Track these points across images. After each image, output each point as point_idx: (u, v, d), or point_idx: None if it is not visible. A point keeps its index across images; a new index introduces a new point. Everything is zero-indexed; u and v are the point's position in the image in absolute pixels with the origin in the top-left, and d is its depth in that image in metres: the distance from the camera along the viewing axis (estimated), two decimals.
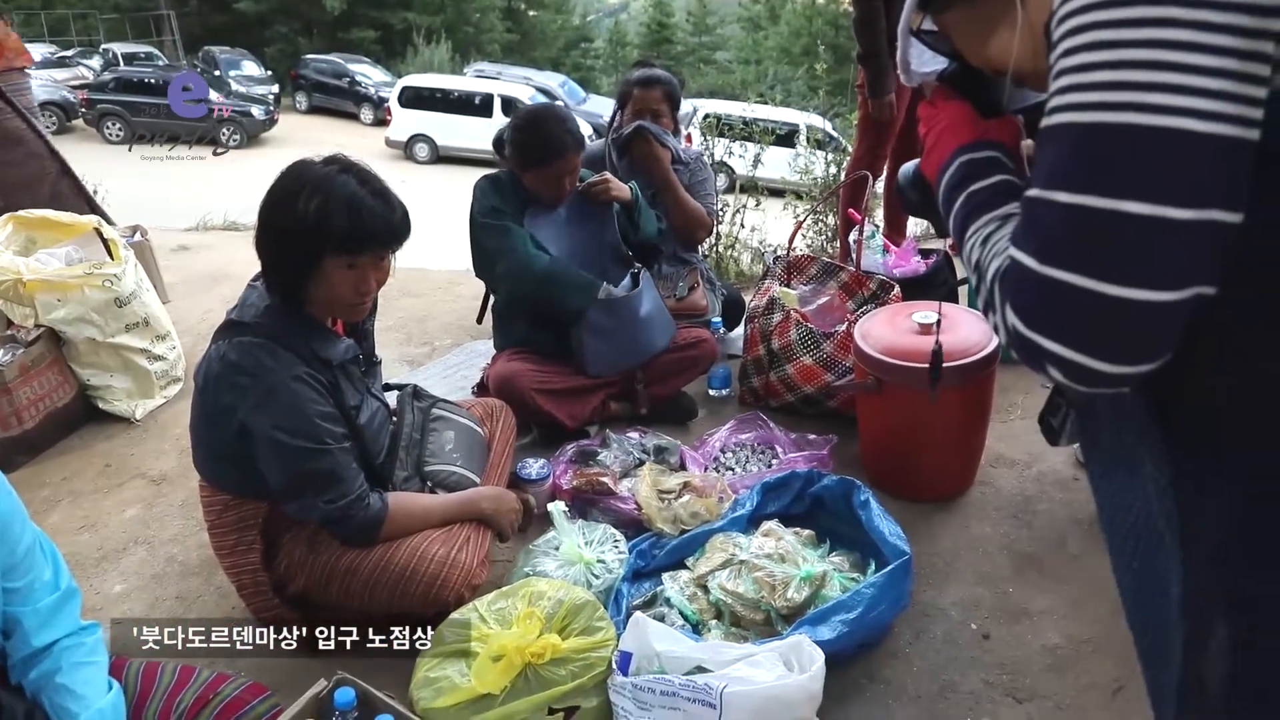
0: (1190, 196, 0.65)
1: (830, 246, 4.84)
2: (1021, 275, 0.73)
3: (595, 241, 2.72)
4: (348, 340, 1.89)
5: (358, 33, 29.07)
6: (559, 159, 2.55)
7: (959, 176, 0.94)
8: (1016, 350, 0.77)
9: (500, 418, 2.29)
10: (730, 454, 2.59)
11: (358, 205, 1.69)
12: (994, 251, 0.83)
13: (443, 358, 3.39)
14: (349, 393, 1.85)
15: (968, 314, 2.49)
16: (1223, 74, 0.63)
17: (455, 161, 17.53)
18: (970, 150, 0.95)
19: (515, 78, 22.15)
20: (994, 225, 0.86)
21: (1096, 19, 0.67)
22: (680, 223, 3.11)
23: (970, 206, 0.90)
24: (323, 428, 1.73)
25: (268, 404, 1.69)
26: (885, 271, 3.12)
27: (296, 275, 1.74)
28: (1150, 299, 0.66)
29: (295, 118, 21.82)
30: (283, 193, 1.71)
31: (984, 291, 0.83)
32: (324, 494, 1.74)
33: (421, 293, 4.17)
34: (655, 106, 3.13)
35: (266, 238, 1.74)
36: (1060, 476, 2.53)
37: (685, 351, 2.80)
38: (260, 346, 1.71)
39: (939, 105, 1.03)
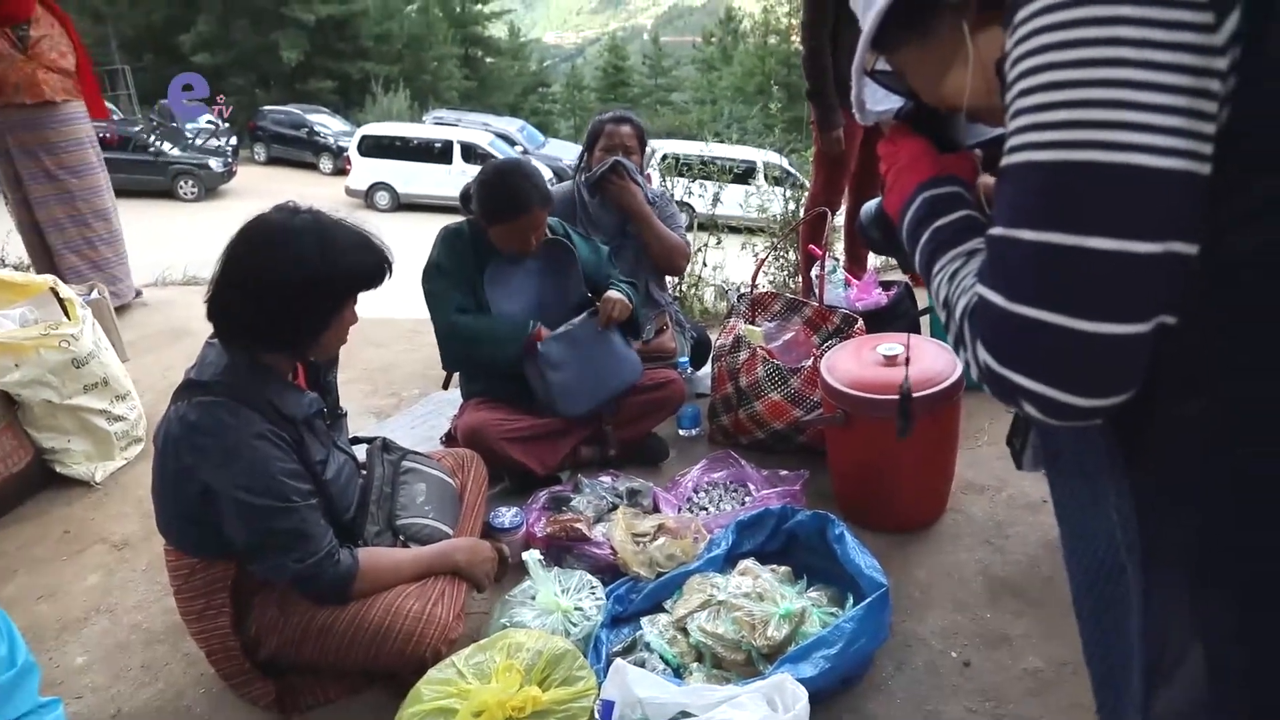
0: (1152, 230, 0.66)
1: (792, 282, 4.89)
2: (991, 313, 0.74)
3: (560, 293, 2.72)
4: (311, 394, 1.87)
5: (315, 83, 29.19)
6: (525, 214, 2.55)
7: (921, 214, 0.95)
8: (989, 386, 0.77)
9: (471, 468, 2.27)
10: (703, 493, 2.59)
11: (365, 243, 1.78)
12: (961, 288, 0.83)
13: (410, 408, 3.37)
14: (314, 447, 1.83)
15: (931, 344, 2.52)
16: (1176, 111, 0.65)
17: (416, 209, 17.55)
18: (931, 187, 0.96)
19: (474, 124, 22.30)
20: (959, 261, 0.87)
21: (1052, 60, 0.69)
22: (660, 252, 3.14)
23: (935, 243, 0.91)
24: (288, 485, 1.70)
25: (230, 463, 1.66)
26: (848, 305, 3.16)
27: (316, 326, 1.76)
28: (1119, 332, 0.68)
29: (254, 169, 21.78)
30: (285, 253, 1.69)
31: (953, 328, 0.83)
32: (292, 553, 1.71)
33: (385, 342, 4.14)
34: (627, 143, 3.18)
35: (267, 296, 1.69)
36: (1030, 500, 2.56)
37: (653, 393, 2.81)
38: (220, 405, 1.69)
39: (897, 143, 1.04)
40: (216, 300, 1.73)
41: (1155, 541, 0.80)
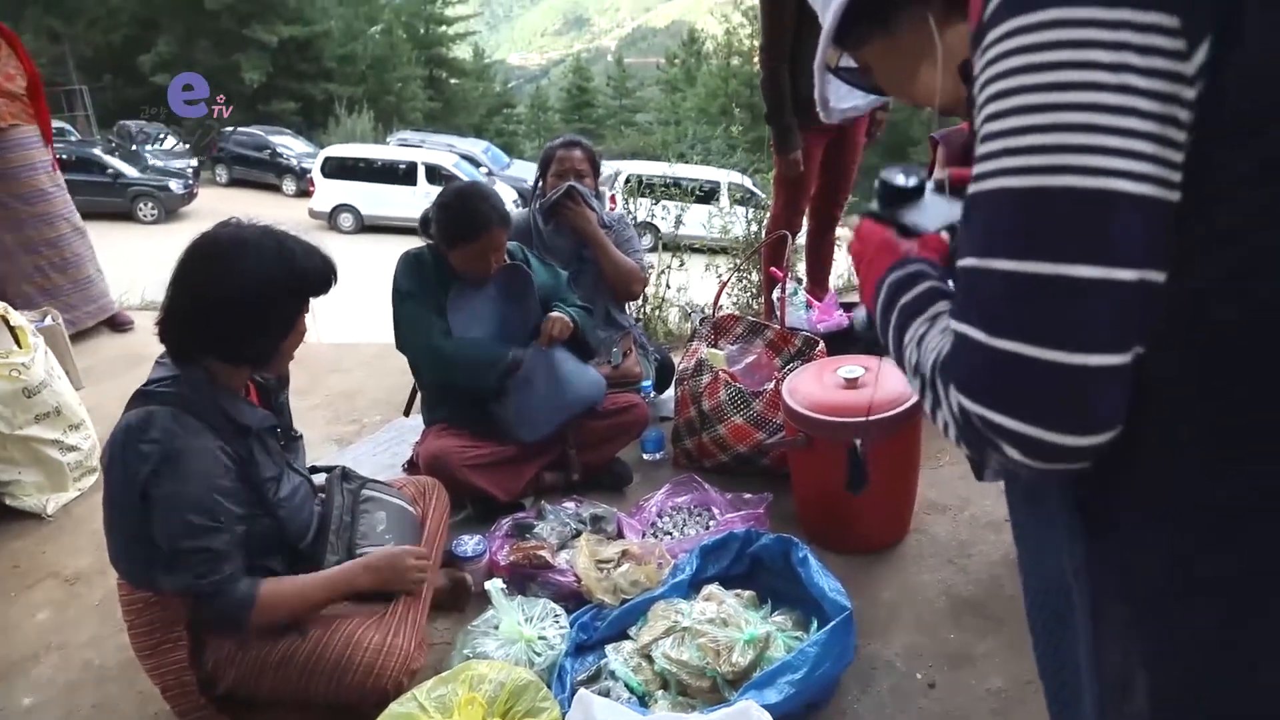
0: (1133, 257, 0.65)
1: (755, 303, 4.91)
2: (969, 350, 0.71)
3: (520, 317, 2.71)
4: (264, 411, 1.87)
5: (278, 104, 28.99)
6: (484, 234, 2.55)
7: (888, 298, 0.90)
8: (966, 437, 0.73)
9: (433, 495, 2.25)
10: (667, 518, 2.59)
11: (312, 249, 1.81)
12: (929, 346, 0.79)
13: (372, 435, 3.33)
14: (265, 465, 1.81)
15: (891, 365, 2.53)
16: (1151, 138, 0.64)
17: (381, 230, 17.46)
18: (895, 270, 0.92)
19: (439, 145, 22.26)
20: (925, 325, 0.83)
21: (1025, 83, 0.67)
22: (614, 276, 3.13)
23: (902, 319, 0.87)
24: (220, 504, 1.66)
25: (168, 471, 1.63)
26: (809, 326, 3.18)
27: (277, 334, 1.79)
28: (1105, 363, 0.66)
29: (216, 191, 21.53)
30: (250, 262, 1.71)
31: (926, 391, 0.79)
32: (198, 569, 1.65)
33: (349, 368, 4.09)
34: (579, 167, 3.19)
35: (226, 309, 1.70)
36: (992, 518, 2.58)
37: (617, 417, 2.81)
38: (167, 413, 1.67)
39: (863, 239, 1.01)
40: (171, 318, 1.73)
41: (1102, 570, 0.80)
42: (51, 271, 4.33)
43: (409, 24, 36.07)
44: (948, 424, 0.75)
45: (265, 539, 1.82)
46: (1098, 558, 0.80)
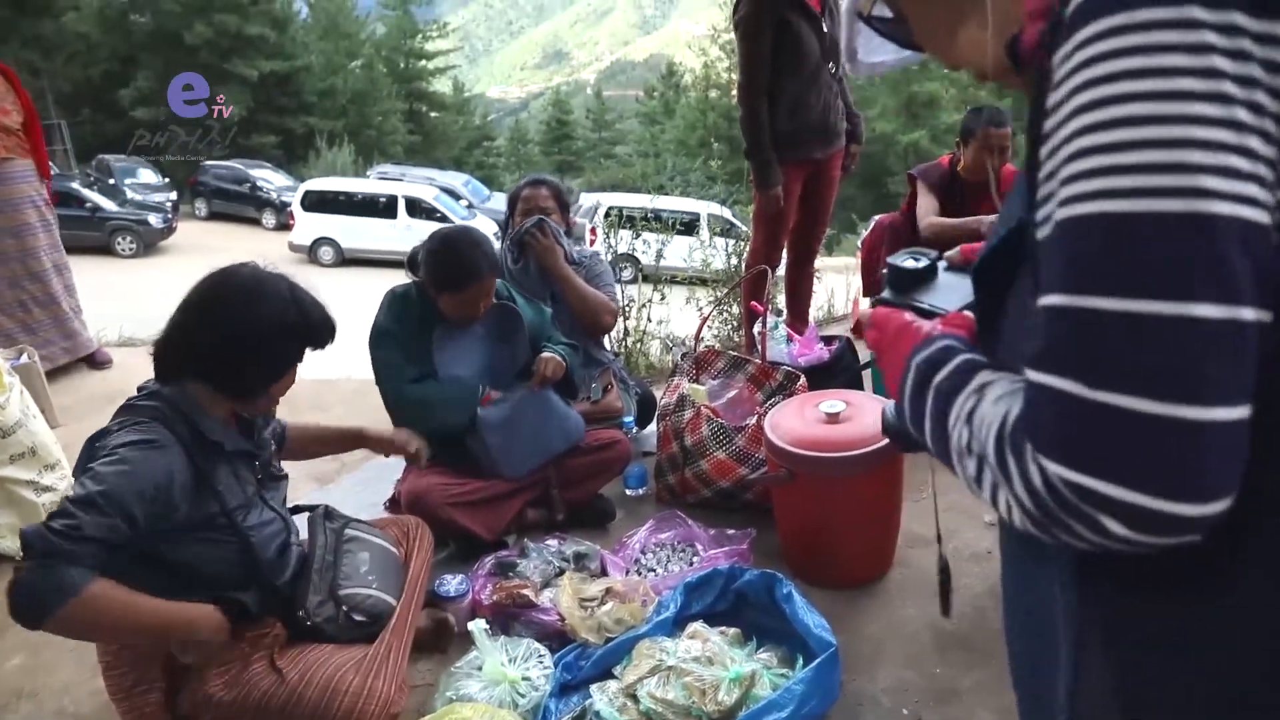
0: (1254, 296, 0.57)
1: (736, 335, 4.94)
2: (1059, 405, 0.60)
3: (507, 356, 2.71)
4: (240, 437, 1.88)
5: (258, 138, 29.01)
6: (474, 283, 2.55)
7: (917, 380, 0.80)
8: (1047, 515, 0.62)
9: (416, 535, 2.24)
10: (651, 554, 2.58)
11: (318, 302, 1.88)
12: (985, 418, 0.68)
13: (353, 473, 3.31)
14: (233, 488, 1.80)
15: (873, 400, 2.56)
16: (1274, 163, 0.57)
17: (361, 264, 17.44)
18: (921, 350, 0.82)
19: (419, 178, 22.31)
20: (972, 399, 0.72)
21: (1132, 90, 0.58)
22: (582, 309, 3.10)
23: (940, 399, 0.76)
24: (128, 504, 1.57)
25: (108, 457, 1.62)
26: (790, 360, 3.19)
27: (272, 375, 1.83)
28: (1228, 418, 0.56)
29: (195, 225, 21.47)
30: (263, 301, 1.78)
31: (985, 471, 0.67)
32: (56, 530, 1.52)
33: (329, 405, 4.07)
34: (544, 205, 3.18)
35: (236, 340, 1.75)
36: (975, 551, 2.59)
37: (599, 454, 2.80)
38: (140, 423, 1.69)
39: (880, 327, 0.93)
40: (171, 340, 1.78)
41: (1088, 614, 0.76)
42: (34, 306, 4.30)
43: (389, 58, 36.32)
44: (1015, 503, 0.64)
45: (233, 567, 1.80)
46: (1088, 603, 0.75)
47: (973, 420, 0.70)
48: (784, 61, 3.47)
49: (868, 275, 4.26)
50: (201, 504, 1.74)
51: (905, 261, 1.03)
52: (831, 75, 3.62)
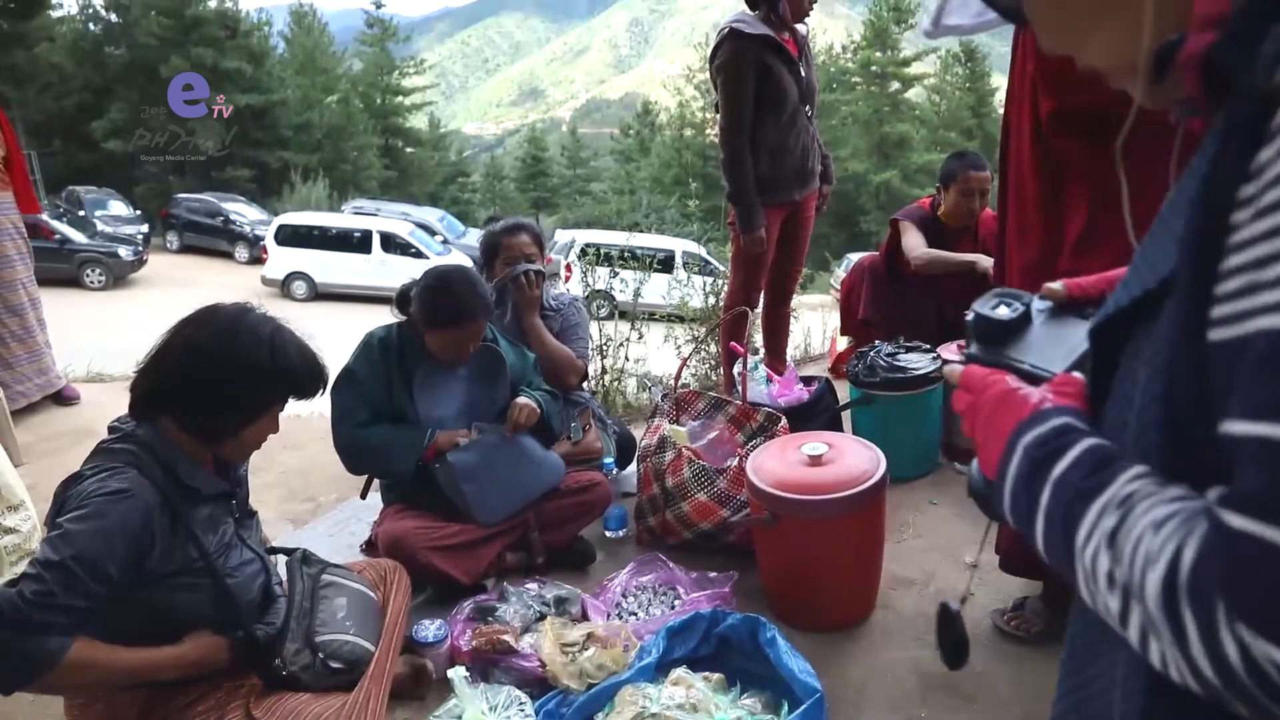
0: None
1: (714, 374, 4.94)
2: (1271, 562, 0.48)
3: (489, 399, 2.69)
4: (218, 479, 1.84)
5: (232, 171, 28.89)
6: (469, 323, 2.54)
7: (1027, 467, 0.68)
8: (1236, 689, 0.50)
9: (394, 580, 2.20)
10: (632, 598, 2.55)
11: (311, 357, 1.85)
12: (1141, 549, 0.55)
13: (328, 514, 3.26)
14: (210, 532, 1.76)
15: (853, 441, 2.56)
16: None
17: (334, 298, 17.36)
18: (1032, 427, 0.70)
19: (394, 214, 22.29)
20: (1114, 516, 0.58)
21: None
22: (547, 368, 3.05)
23: (1063, 501, 0.63)
24: (103, 564, 1.53)
25: (80, 510, 1.57)
26: (770, 401, 3.20)
27: (244, 419, 1.79)
28: None
29: (166, 257, 21.29)
30: (239, 342, 1.75)
31: (1140, 609, 0.55)
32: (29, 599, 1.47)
33: (303, 444, 4.01)
34: (527, 251, 3.15)
35: (206, 383, 1.72)
36: (957, 593, 2.57)
37: (579, 496, 2.78)
38: (111, 471, 1.64)
39: (974, 390, 0.80)
40: (150, 377, 1.75)
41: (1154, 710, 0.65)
42: (12, 341, 4.23)
43: (365, 94, 36.39)
44: (1186, 667, 0.52)
45: (210, 611, 1.75)
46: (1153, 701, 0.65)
47: (1118, 545, 0.57)
48: (764, 106, 3.52)
49: (846, 316, 4.30)
50: (178, 550, 1.70)
51: (996, 309, 0.88)
52: (808, 118, 3.67)
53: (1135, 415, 0.62)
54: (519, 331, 3.05)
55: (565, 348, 3.15)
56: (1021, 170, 2.10)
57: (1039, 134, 2.01)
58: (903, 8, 36.40)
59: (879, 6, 36.59)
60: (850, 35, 37.30)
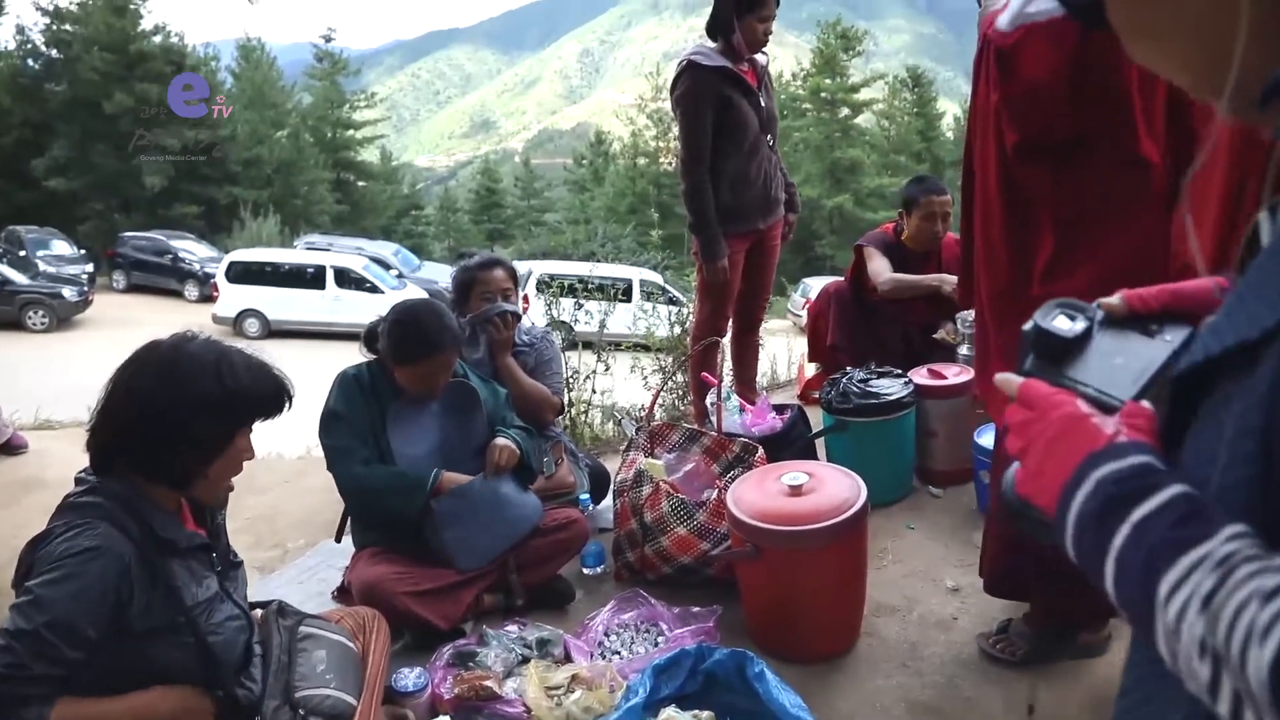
0: None
1: (682, 404, 4.93)
2: None
3: (463, 436, 2.65)
4: (195, 530, 1.77)
5: (180, 208, 28.47)
6: (438, 355, 2.51)
7: (1101, 504, 0.63)
8: None
9: (374, 628, 2.14)
10: (615, 636, 2.51)
11: (266, 374, 1.75)
12: (1245, 621, 0.50)
13: (297, 560, 3.17)
14: (191, 587, 1.69)
15: (832, 469, 2.56)
16: None
17: (288, 335, 17.14)
18: (1105, 462, 0.64)
19: (347, 248, 22.11)
20: (1213, 578, 0.53)
21: None
22: (523, 406, 3.01)
23: (1146, 548, 0.59)
24: (79, 627, 1.48)
25: (50, 573, 1.50)
26: (744, 430, 3.19)
27: (206, 455, 1.69)
28: None
29: (113, 297, 20.88)
30: (181, 375, 1.66)
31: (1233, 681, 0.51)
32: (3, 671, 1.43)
33: (267, 487, 3.92)
34: (503, 287, 3.12)
35: (157, 421, 1.63)
36: (940, 618, 2.58)
37: (557, 534, 2.74)
38: (82, 527, 1.56)
39: (1036, 406, 0.73)
40: (101, 429, 1.66)
41: None
42: None
43: (316, 128, 36.14)
44: None
45: (191, 668, 1.68)
46: None
47: (1214, 610, 0.52)
48: (725, 136, 3.54)
49: (814, 342, 4.32)
50: (158, 606, 1.63)
51: (1056, 320, 0.80)
52: (769, 147, 3.70)
53: (1220, 472, 0.58)
54: (492, 370, 3.01)
55: (540, 385, 3.12)
56: (988, 199, 2.11)
57: (1005, 164, 2.03)
58: (850, 35, 37.21)
59: (827, 35, 37.38)
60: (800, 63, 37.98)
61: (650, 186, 34.84)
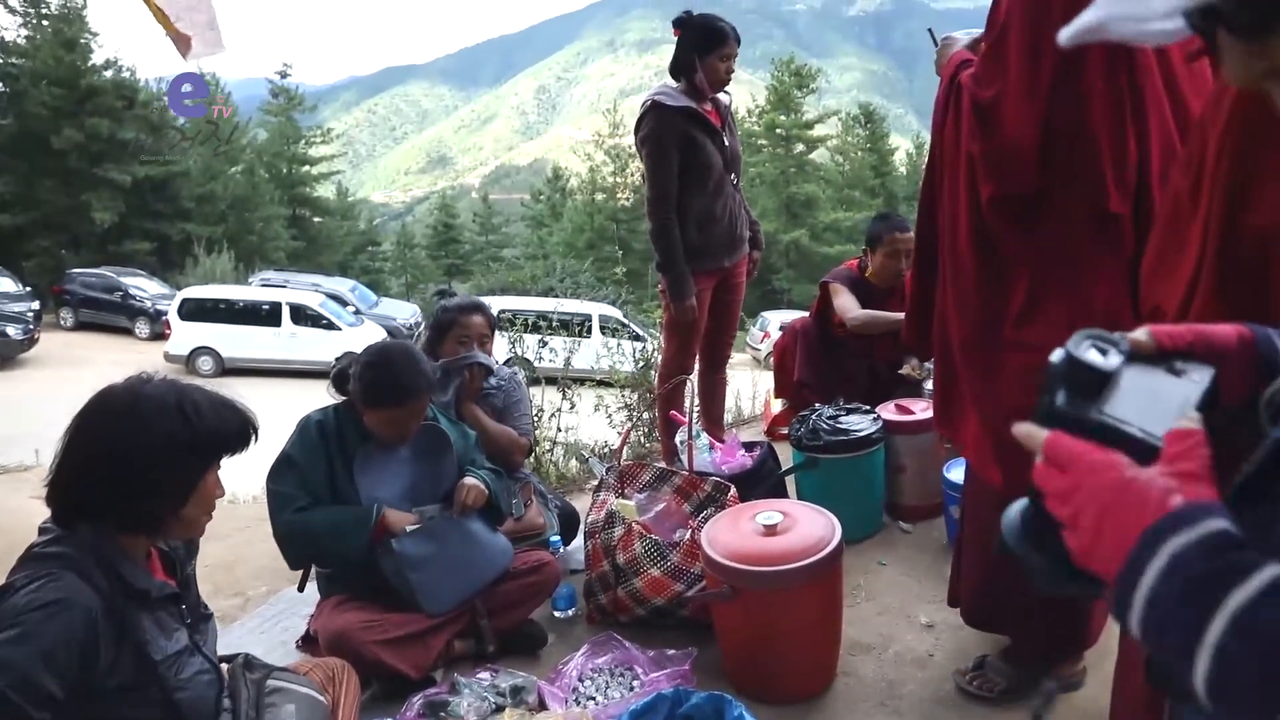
0: None
1: (649, 441, 4.91)
2: None
3: (433, 479, 2.59)
4: (165, 581, 1.70)
5: (131, 245, 27.96)
6: (412, 401, 2.46)
7: (1183, 585, 0.58)
8: None
9: (343, 680, 2.07)
10: (589, 681, 2.46)
11: (225, 404, 1.70)
12: None
13: (258, 609, 3.08)
14: (159, 640, 1.62)
15: (805, 507, 2.55)
16: None
17: (243, 373, 16.86)
18: (1175, 532, 0.59)
19: (303, 285, 21.87)
20: None
21: None
22: (493, 451, 2.96)
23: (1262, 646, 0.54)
24: (44, 685, 1.40)
25: (12, 629, 1.42)
26: (714, 469, 3.18)
27: (178, 497, 1.63)
28: None
29: (60, 335, 20.40)
30: (142, 417, 1.60)
31: None
32: None
33: (225, 534, 3.82)
34: (482, 332, 3.09)
35: (122, 467, 1.57)
36: (916, 655, 2.57)
37: (528, 577, 2.69)
38: (45, 579, 1.48)
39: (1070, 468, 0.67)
40: (62, 481, 1.60)
41: None
42: None
43: (271, 164, 35.82)
44: None
45: None
46: None
47: None
48: (690, 176, 3.56)
49: (781, 378, 4.33)
50: (126, 663, 1.55)
51: (1088, 353, 0.73)
52: (734, 186, 3.73)
53: None
54: (458, 414, 2.97)
55: (507, 429, 3.08)
56: (958, 248, 2.10)
57: (977, 212, 2.02)
58: (803, 73, 37.92)
59: (781, 72, 38.07)
60: (755, 99, 38.56)
61: (608, 222, 35.01)
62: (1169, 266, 1.45)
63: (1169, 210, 1.52)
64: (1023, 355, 1.98)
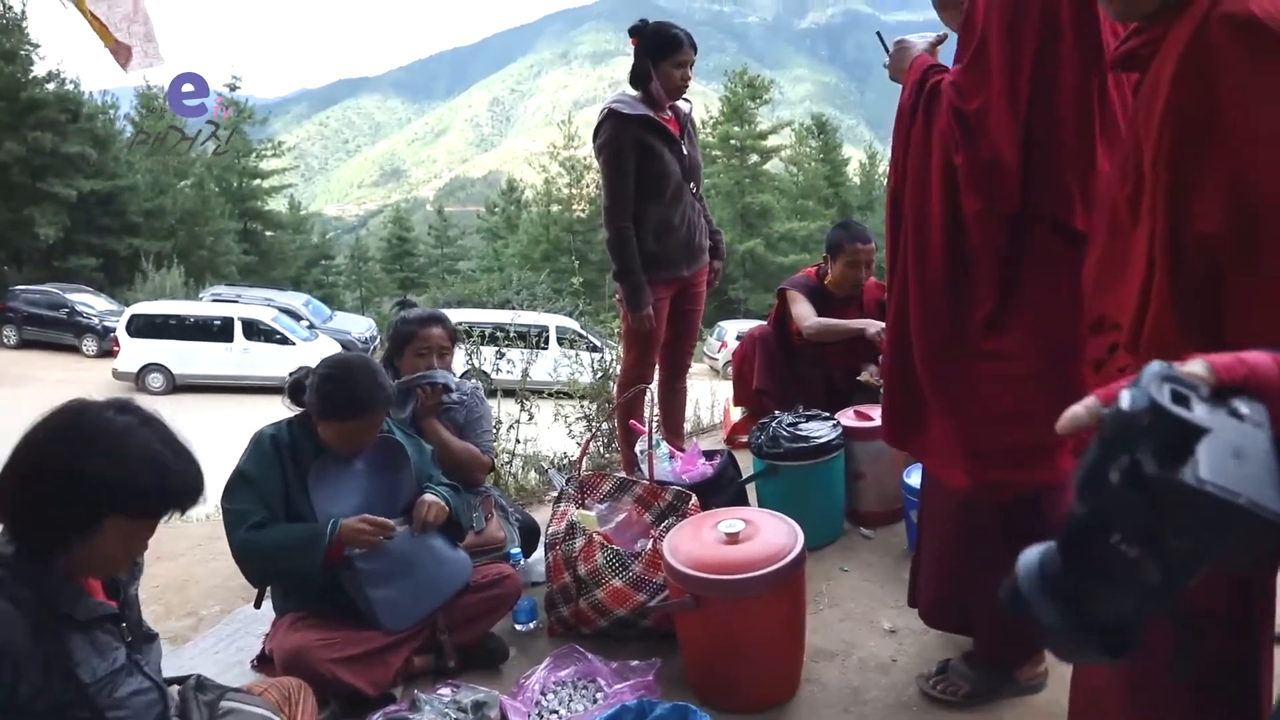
0: None
1: (608, 452, 4.89)
2: None
3: (390, 493, 2.54)
4: (102, 600, 1.63)
5: (77, 260, 27.36)
6: (368, 413, 2.43)
7: None
8: None
9: (299, 699, 2.02)
10: (552, 694, 2.43)
11: (162, 468, 1.57)
12: None
13: (212, 629, 3.00)
14: (89, 662, 1.56)
15: (767, 515, 2.55)
16: None
17: (195, 390, 16.55)
18: None
19: (256, 299, 21.60)
20: None
21: None
22: (452, 467, 2.93)
23: None
24: None
25: None
26: (675, 478, 3.17)
27: (63, 533, 1.53)
28: None
29: (4, 354, 19.90)
30: (67, 442, 1.53)
31: None
32: None
33: (177, 554, 3.72)
34: (442, 344, 3.05)
35: (30, 485, 1.51)
36: (880, 661, 2.58)
37: (489, 590, 2.65)
38: None
39: None
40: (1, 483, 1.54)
41: None
42: None
43: (221, 177, 35.25)
44: None
45: None
46: None
47: None
48: (647, 185, 3.56)
49: (740, 386, 4.34)
50: (53, 684, 1.50)
51: (1176, 403, 0.64)
52: (693, 195, 3.74)
53: None
54: (419, 430, 2.93)
55: (469, 446, 3.04)
56: (927, 257, 2.08)
57: (953, 222, 2.02)
58: (756, 84, 38.27)
59: (734, 83, 38.39)
60: (709, 110, 38.80)
61: (564, 233, 34.99)
62: (1115, 278, 1.47)
63: (1107, 220, 1.54)
64: (992, 365, 2.00)
